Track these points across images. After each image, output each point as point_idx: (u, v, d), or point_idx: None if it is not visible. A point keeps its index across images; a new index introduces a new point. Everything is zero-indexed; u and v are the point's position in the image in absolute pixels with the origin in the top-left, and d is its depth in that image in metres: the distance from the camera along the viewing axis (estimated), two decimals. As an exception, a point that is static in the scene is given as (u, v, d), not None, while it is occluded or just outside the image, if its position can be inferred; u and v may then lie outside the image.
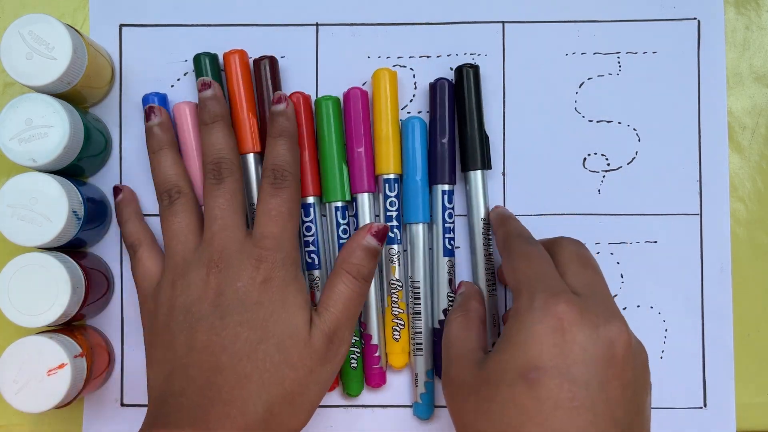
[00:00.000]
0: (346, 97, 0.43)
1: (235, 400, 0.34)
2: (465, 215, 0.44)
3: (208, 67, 0.43)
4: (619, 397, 0.31)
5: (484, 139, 0.42)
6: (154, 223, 0.44)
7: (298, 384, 0.36)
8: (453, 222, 0.43)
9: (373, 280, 0.42)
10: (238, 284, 0.36)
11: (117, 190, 0.44)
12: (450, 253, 0.43)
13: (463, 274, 0.44)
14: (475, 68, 0.42)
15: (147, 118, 0.42)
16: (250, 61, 0.44)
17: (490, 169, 0.43)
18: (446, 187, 0.43)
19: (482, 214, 0.43)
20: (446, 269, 0.43)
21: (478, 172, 0.43)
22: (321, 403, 0.44)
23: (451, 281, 0.43)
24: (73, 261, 0.40)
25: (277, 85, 0.43)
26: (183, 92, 0.44)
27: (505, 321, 0.41)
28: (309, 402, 0.37)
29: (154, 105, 0.42)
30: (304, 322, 0.36)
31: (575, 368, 0.31)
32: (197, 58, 0.43)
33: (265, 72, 0.43)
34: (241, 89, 0.43)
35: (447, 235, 0.43)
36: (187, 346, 0.36)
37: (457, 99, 0.43)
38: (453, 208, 0.43)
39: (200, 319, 0.36)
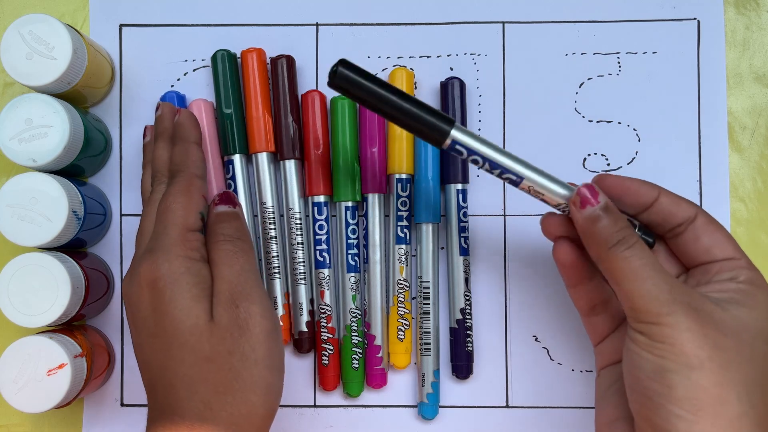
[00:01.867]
0: None
1: (171, 405, 0.34)
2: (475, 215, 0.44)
3: (226, 64, 0.43)
4: None
5: None
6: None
7: (227, 370, 0.34)
8: (467, 221, 0.43)
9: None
10: (132, 289, 0.35)
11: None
12: (465, 252, 0.43)
13: (478, 273, 0.44)
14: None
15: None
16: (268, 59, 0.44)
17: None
18: (460, 185, 0.43)
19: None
20: (462, 268, 0.43)
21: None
22: (321, 403, 0.44)
23: (467, 280, 0.43)
24: (73, 261, 0.40)
25: (293, 84, 0.43)
26: (183, 92, 0.44)
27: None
28: (252, 382, 0.34)
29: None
30: (203, 311, 0.34)
31: None
32: (215, 56, 0.43)
33: (282, 71, 0.43)
34: (257, 88, 0.43)
35: (462, 234, 0.43)
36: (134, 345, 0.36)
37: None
38: (467, 207, 0.43)
39: (130, 325, 0.36)
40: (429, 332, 0.43)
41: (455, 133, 0.34)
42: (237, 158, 0.43)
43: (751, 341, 0.31)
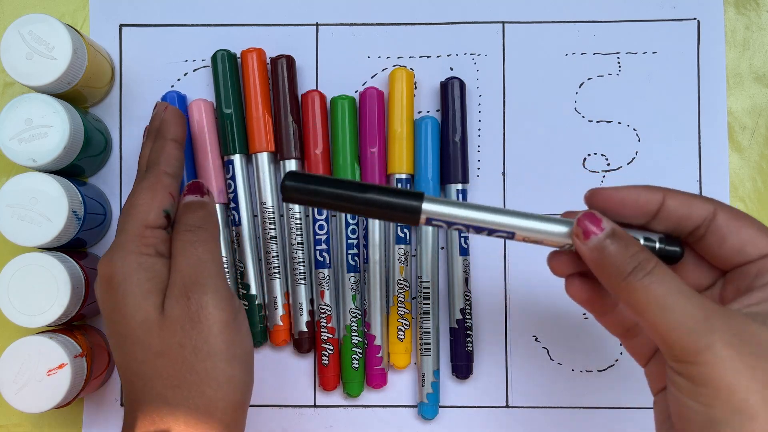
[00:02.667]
0: (362, 96, 0.43)
1: (133, 401, 0.34)
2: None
3: (226, 64, 0.43)
4: None
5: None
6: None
7: (180, 364, 0.33)
8: None
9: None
10: (95, 287, 0.35)
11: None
12: (465, 252, 0.43)
13: (478, 273, 0.44)
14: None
15: None
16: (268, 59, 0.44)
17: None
18: (460, 185, 0.43)
19: None
20: (462, 268, 0.43)
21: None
22: (321, 403, 0.44)
23: (467, 280, 0.43)
24: (73, 261, 0.40)
25: (293, 84, 0.43)
26: (183, 92, 0.44)
27: None
28: (208, 375, 0.33)
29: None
30: (152, 305, 0.33)
31: None
32: (215, 56, 0.43)
33: (282, 71, 0.43)
34: (257, 88, 0.43)
35: (462, 234, 0.43)
36: None
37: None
38: None
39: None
40: (429, 332, 0.43)
41: (427, 207, 0.30)
42: (237, 158, 0.43)
43: None
